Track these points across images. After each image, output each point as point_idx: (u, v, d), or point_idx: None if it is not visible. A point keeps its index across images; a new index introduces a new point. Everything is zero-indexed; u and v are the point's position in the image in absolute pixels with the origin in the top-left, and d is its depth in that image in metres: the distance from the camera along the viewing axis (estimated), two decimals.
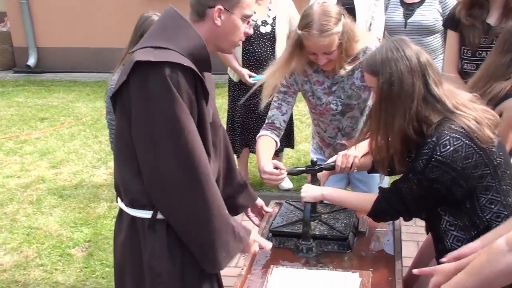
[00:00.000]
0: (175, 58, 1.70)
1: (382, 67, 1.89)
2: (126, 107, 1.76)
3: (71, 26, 7.48)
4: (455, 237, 1.93)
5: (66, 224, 3.99)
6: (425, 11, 3.69)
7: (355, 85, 2.48)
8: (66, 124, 5.94)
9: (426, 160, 1.83)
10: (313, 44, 2.31)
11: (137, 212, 1.81)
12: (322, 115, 2.59)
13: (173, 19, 1.81)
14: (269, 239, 2.20)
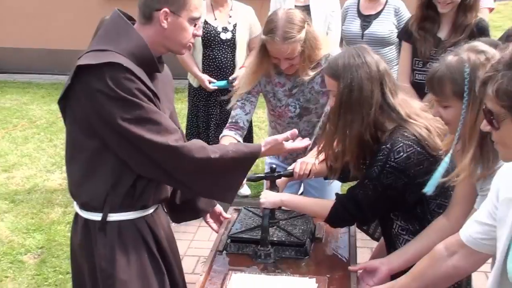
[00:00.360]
0: (116, 58, 1.73)
1: (343, 72, 1.94)
2: (74, 111, 1.80)
3: (26, 26, 7.30)
4: (406, 241, 2.01)
5: (18, 230, 3.88)
6: (381, 23, 3.80)
7: (315, 89, 2.54)
8: (19, 126, 5.78)
9: (381, 166, 1.89)
10: (276, 50, 2.37)
11: (89, 214, 1.87)
12: (280, 117, 2.63)
13: (115, 22, 1.85)
14: (228, 245, 2.21)
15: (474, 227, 1.58)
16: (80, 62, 1.74)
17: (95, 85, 1.72)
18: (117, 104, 1.72)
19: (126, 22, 1.83)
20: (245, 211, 2.45)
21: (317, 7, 3.93)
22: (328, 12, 3.95)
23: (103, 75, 1.70)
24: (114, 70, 1.71)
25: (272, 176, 2.34)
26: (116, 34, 1.81)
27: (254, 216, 2.40)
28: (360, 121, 1.93)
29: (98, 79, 1.71)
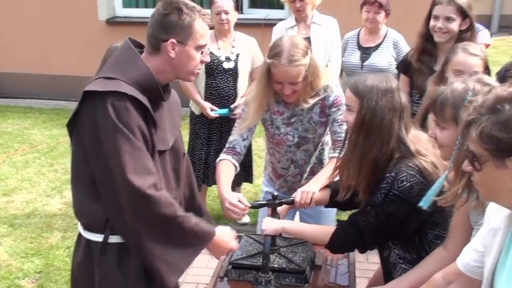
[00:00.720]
0: (120, 87, 1.79)
1: (369, 92, 1.97)
2: (80, 136, 1.85)
3: (28, 52, 7.38)
4: (403, 270, 2.03)
5: (16, 254, 3.87)
6: (380, 55, 3.90)
7: (313, 119, 2.58)
8: (20, 151, 5.80)
9: (384, 194, 1.93)
10: (281, 73, 2.39)
11: (91, 235, 1.91)
12: (279, 145, 2.66)
13: (125, 51, 1.92)
14: (229, 271, 2.22)
15: (471, 255, 1.61)
16: (87, 88, 1.81)
17: (98, 111, 1.78)
18: (109, 130, 1.77)
19: (134, 52, 1.89)
20: (246, 238, 2.47)
21: (317, 40, 4.03)
22: (328, 44, 4.05)
23: (106, 102, 1.76)
24: (117, 99, 1.77)
25: (274, 203, 2.37)
26: (125, 63, 1.88)
27: (255, 242, 2.42)
28: (379, 147, 1.96)
29: (101, 106, 1.77)
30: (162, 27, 1.86)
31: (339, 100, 2.53)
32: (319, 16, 4.10)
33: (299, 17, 4.05)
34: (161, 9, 1.88)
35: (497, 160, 1.32)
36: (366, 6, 3.87)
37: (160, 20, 1.87)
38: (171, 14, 1.86)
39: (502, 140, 1.30)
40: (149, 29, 1.90)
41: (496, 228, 1.48)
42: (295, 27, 4.09)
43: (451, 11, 3.00)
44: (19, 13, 7.34)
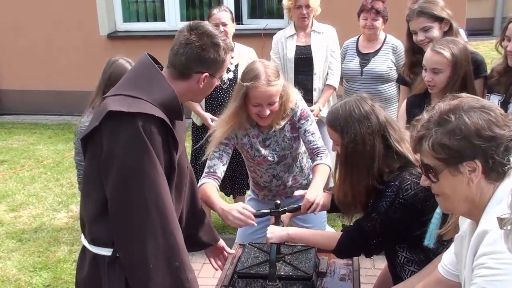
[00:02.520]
0: (148, 109, 1.79)
1: (346, 126, 2.04)
2: (96, 152, 1.83)
3: (32, 69, 7.46)
4: (412, 272, 2.04)
5: (25, 268, 3.90)
6: (379, 60, 3.92)
7: (287, 137, 2.68)
8: (26, 166, 5.85)
9: (390, 202, 1.96)
10: (261, 94, 2.47)
11: (99, 249, 1.89)
12: (260, 165, 2.75)
13: (147, 69, 1.91)
14: (236, 281, 2.24)
15: (448, 258, 1.65)
16: (112, 108, 1.77)
17: (124, 132, 1.76)
18: (136, 152, 1.76)
19: (157, 71, 1.90)
20: (250, 247, 2.48)
21: (318, 48, 4.07)
22: (328, 52, 4.08)
23: (135, 124, 1.75)
24: (146, 121, 1.77)
25: (277, 211, 2.38)
26: (148, 82, 1.87)
27: (259, 251, 2.43)
28: (366, 173, 2.03)
29: (129, 127, 1.76)
30: (199, 61, 1.89)
31: (305, 112, 2.65)
32: (319, 25, 4.14)
33: (301, 25, 4.09)
34: (198, 41, 1.88)
35: (451, 167, 1.42)
36: (363, 13, 3.90)
37: (198, 54, 1.88)
38: (209, 50, 1.89)
39: (453, 148, 1.40)
40: (180, 58, 1.89)
41: (463, 236, 1.53)
42: (294, 36, 4.12)
43: (425, 21, 2.98)
44: (21, 30, 7.43)
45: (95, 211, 1.87)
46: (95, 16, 7.12)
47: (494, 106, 1.44)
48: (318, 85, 4.08)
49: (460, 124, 1.40)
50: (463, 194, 1.44)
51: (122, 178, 1.78)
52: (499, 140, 1.39)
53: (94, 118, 1.85)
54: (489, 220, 1.36)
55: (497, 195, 1.40)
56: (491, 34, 10.65)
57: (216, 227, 4.27)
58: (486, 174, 1.41)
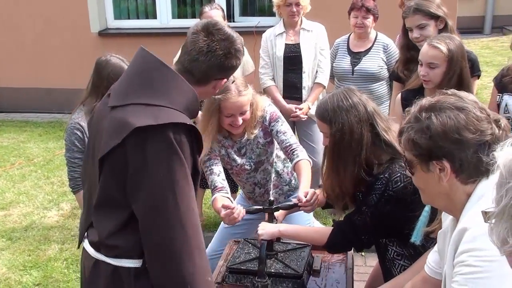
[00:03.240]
0: (176, 117, 1.68)
1: (334, 116, 2.05)
2: (117, 169, 1.70)
3: (23, 66, 7.41)
4: (402, 266, 2.05)
5: (15, 267, 3.87)
6: (370, 59, 3.92)
7: (261, 143, 2.72)
8: (16, 165, 5.80)
9: (380, 195, 1.96)
10: (233, 105, 2.53)
11: (122, 262, 1.76)
12: (239, 174, 2.79)
13: (160, 70, 1.76)
14: (227, 276, 2.23)
15: (432, 256, 1.66)
16: (138, 123, 1.63)
17: (156, 144, 1.64)
18: (172, 165, 1.65)
19: (173, 72, 1.77)
20: (245, 243, 2.48)
21: (307, 46, 4.06)
22: (317, 50, 4.08)
23: (167, 134, 1.64)
24: (178, 130, 1.66)
25: (270, 208, 2.38)
26: (167, 85, 1.74)
27: (253, 247, 2.43)
28: (353, 162, 2.03)
29: (161, 138, 1.64)
30: (221, 69, 1.81)
31: (275, 114, 2.70)
32: (308, 23, 4.13)
33: (291, 22, 4.08)
34: (220, 49, 1.78)
35: (423, 164, 1.45)
36: (353, 11, 3.90)
37: (220, 63, 1.79)
38: (232, 58, 1.81)
39: (422, 146, 1.43)
40: (200, 65, 1.79)
41: (446, 232, 1.54)
42: (284, 34, 4.12)
43: (420, 19, 3.00)
44: (12, 27, 7.37)
45: (117, 226, 1.74)
46: (86, 14, 7.08)
47: (471, 108, 1.43)
48: (307, 83, 4.08)
49: (429, 124, 1.42)
50: (436, 190, 1.47)
51: (155, 194, 1.66)
52: (465, 144, 1.39)
53: (110, 135, 1.69)
54: (469, 217, 1.37)
55: (477, 193, 1.40)
56: (481, 33, 10.71)
57: (209, 225, 4.27)
58: (457, 174, 1.42)
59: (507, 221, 0.96)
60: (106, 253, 1.79)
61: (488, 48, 9.10)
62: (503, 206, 0.97)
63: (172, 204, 1.66)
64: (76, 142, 2.75)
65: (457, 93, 1.49)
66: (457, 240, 1.38)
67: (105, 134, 1.72)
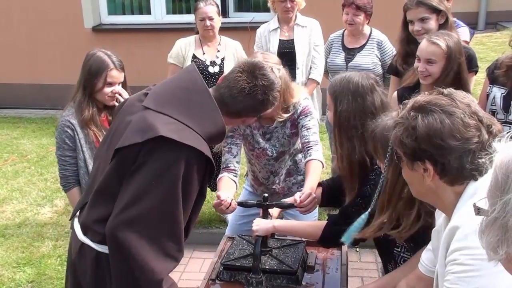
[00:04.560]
0: (197, 143, 1.75)
1: (340, 94, 2.08)
2: (126, 166, 1.78)
3: (16, 62, 7.35)
4: (403, 258, 2.05)
5: (8, 264, 3.85)
6: (364, 56, 3.92)
7: (286, 134, 2.71)
8: (9, 161, 5.77)
9: (374, 186, 1.95)
10: None
11: (105, 248, 1.82)
12: (258, 158, 2.77)
13: (202, 96, 1.86)
14: (221, 272, 2.23)
15: (426, 255, 1.66)
16: (163, 133, 1.72)
17: (169, 157, 1.72)
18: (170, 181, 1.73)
19: (215, 106, 1.85)
20: (239, 239, 2.48)
21: (301, 41, 4.06)
22: (311, 46, 4.07)
23: (182, 154, 1.72)
24: (194, 157, 1.74)
25: (263, 204, 2.37)
26: (202, 113, 1.83)
27: (247, 244, 2.42)
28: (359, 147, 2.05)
29: (176, 155, 1.72)
30: (255, 111, 1.95)
31: (307, 109, 2.68)
32: (302, 18, 4.12)
33: (285, 18, 4.07)
34: (260, 94, 1.89)
35: (408, 162, 1.46)
36: (345, 8, 3.89)
37: (256, 106, 1.92)
38: (268, 104, 1.92)
39: (407, 145, 1.43)
40: (236, 103, 1.89)
41: (439, 230, 1.54)
42: (278, 29, 4.11)
43: (423, 12, 3.02)
44: (4, 23, 7.32)
45: (107, 215, 1.81)
46: (80, 9, 7.02)
47: (460, 113, 1.40)
48: (301, 79, 4.07)
49: (415, 125, 1.42)
50: (422, 187, 1.47)
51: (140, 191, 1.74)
52: (447, 150, 1.38)
53: (135, 131, 1.77)
54: (460, 215, 1.37)
55: (468, 192, 1.39)
56: (475, 28, 10.72)
57: (203, 222, 4.26)
58: (440, 176, 1.41)
59: (497, 231, 0.96)
60: (91, 237, 1.86)
61: (482, 44, 9.10)
62: (495, 217, 0.96)
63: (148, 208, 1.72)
64: (66, 140, 2.73)
65: (453, 94, 1.47)
66: (449, 239, 1.38)
67: (130, 129, 1.80)
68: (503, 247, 0.95)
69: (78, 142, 2.72)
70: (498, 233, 0.95)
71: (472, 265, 1.29)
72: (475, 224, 1.03)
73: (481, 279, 1.28)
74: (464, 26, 3.69)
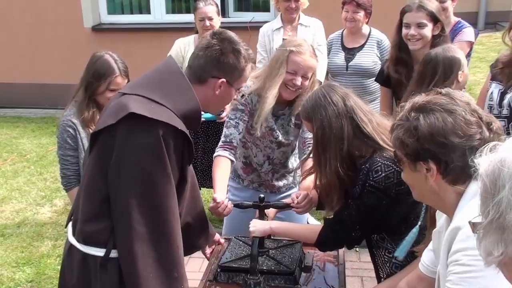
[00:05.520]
0: (170, 119, 1.73)
1: (313, 114, 2.07)
2: (104, 152, 1.77)
3: (16, 61, 7.35)
4: (393, 264, 2.05)
5: (7, 264, 3.86)
6: (364, 55, 3.92)
7: (292, 122, 2.67)
8: (9, 160, 5.77)
9: (362, 186, 1.96)
10: (302, 61, 2.48)
11: (90, 249, 1.81)
12: (262, 138, 2.68)
13: (175, 76, 1.85)
14: (218, 274, 2.23)
15: (427, 255, 1.66)
16: (134, 109, 1.70)
17: (143, 138, 1.70)
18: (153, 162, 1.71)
19: (185, 81, 1.84)
20: (236, 240, 2.48)
21: None
22: (315, 46, 4.06)
23: (157, 131, 1.69)
24: (168, 132, 1.71)
25: (259, 205, 2.37)
26: (174, 90, 1.82)
27: (244, 245, 2.42)
28: (335, 156, 2.03)
29: (150, 133, 1.70)
30: (217, 65, 1.86)
31: None
32: (305, 18, 4.12)
33: (289, 18, 4.07)
34: (218, 45, 1.86)
35: (410, 163, 1.46)
36: (345, 5, 3.89)
37: (216, 57, 1.86)
38: (229, 55, 1.86)
39: (409, 146, 1.43)
40: (198, 60, 1.87)
41: (440, 231, 1.54)
42: (281, 29, 4.11)
43: (422, 17, 2.99)
44: (4, 22, 7.32)
45: (93, 210, 1.80)
46: (79, 8, 7.02)
47: (461, 111, 1.41)
48: None
49: (417, 124, 1.42)
50: (424, 188, 1.47)
51: (134, 184, 1.72)
52: (451, 148, 1.38)
53: (109, 115, 1.76)
54: (462, 216, 1.37)
55: (470, 191, 1.40)
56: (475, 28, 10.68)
57: None
58: (443, 176, 1.42)
59: (494, 233, 0.96)
60: (77, 237, 1.85)
61: (482, 44, 9.10)
62: (490, 220, 0.96)
63: (147, 198, 1.71)
64: (68, 139, 2.73)
65: (451, 93, 1.48)
66: (450, 239, 1.38)
67: (105, 114, 1.81)
68: (500, 248, 0.95)
69: (80, 142, 2.72)
70: (496, 235, 0.96)
71: (474, 265, 1.29)
72: None
73: (483, 279, 1.28)
74: (469, 27, 3.70)
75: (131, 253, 1.74)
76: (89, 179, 1.84)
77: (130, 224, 1.73)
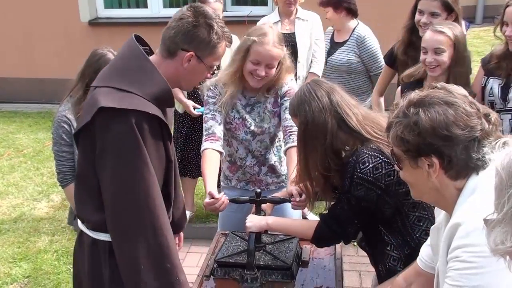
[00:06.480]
0: (141, 105, 1.73)
1: (298, 109, 2.08)
2: (88, 146, 1.79)
3: (12, 56, 7.31)
4: (391, 257, 2.04)
5: (4, 259, 3.85)
6: (342, 52, 3.94)
7: (267, 109, 2.66)
8: (5, 156, 5.75)
9: (350, 179, 1.96)
10: (265, 51, 2.45)
11: (99, 235, 1.86)
12: (236, 130, 2.68)
13: (137, 59, 1.83)
14: (215, 269, 2.22)
15: (425, 251, 1.65)
16: (103, 103, 1.71)
17: (117, 128, 1.72)
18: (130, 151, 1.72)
19: (149, 62, 1.82)
20: (232, 235, 2.47)
21: (302, 35, 4.04)
22: (312, 40, 4.05)
23: (129, 120, 1.70)
24: (140, 119, 1.72)
25: (255, 200, 2.36)
26: (139, 74, 1.80)
27: (241, 240, 2.42)
28: (319, 150, 2.03)
29: (123, 122, 1.71)
30: (187, 37, 1.82)
31: (292, 91, 2.60)
32: (303, 12, 4.11)
33: (287, 11, 4.05)
34: (191, 18, 1.83)
35: (411, 160, 1.44)
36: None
37: (187, 29, 1.82)
38: (201, 28, 1.82)
39: (410, 142, 1.41)
40: (169, 32, 1.84)
41: (439, 227, 1.53)
42: (279, 23, 4.08)
43: (436, 6, 2.96)
44: (0, 16, 7.27)
45: (92, 204, 1.83)
46: (76, 2, 6.98)
47: (461, 102, 1.41)
48: (302, 73, 4.05)
49: (417, 120, 1.40)
50: (425, 185, 1.45)
51: (115, 176, 1.75)
52: (455, 140, 1.37)
53: (85, 113, 1.79)
54: (462, 212, 1.36)
55: (469, 187, 1.39)
56: (473, 22, 10.67)
57: (201, 216, 4.26)
58: (445, 170, 1.40)
59: (508, 224, 0.96)
60: (86, 225, 1.90)
61: (479, 38, 9.08)
62: (506, 211, 0.96)
63: (128, 189, 1.74)
64: (63, 135, 2.71)
65: (447, 86, 1.46)
66: (450, 236, 1.37)
67: (83, 111, 1.84)
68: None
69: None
70: (510, 226, 0.95)
71: (474, 262, 1.29)
72: (478, 222, 1.03)
73: (483, 276, 1.27)
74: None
75: (121, 247, 1.77)
76: (81, 173, 1.88)
77: (117, 218, 1.77)
